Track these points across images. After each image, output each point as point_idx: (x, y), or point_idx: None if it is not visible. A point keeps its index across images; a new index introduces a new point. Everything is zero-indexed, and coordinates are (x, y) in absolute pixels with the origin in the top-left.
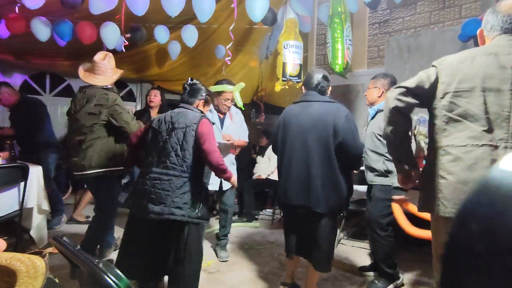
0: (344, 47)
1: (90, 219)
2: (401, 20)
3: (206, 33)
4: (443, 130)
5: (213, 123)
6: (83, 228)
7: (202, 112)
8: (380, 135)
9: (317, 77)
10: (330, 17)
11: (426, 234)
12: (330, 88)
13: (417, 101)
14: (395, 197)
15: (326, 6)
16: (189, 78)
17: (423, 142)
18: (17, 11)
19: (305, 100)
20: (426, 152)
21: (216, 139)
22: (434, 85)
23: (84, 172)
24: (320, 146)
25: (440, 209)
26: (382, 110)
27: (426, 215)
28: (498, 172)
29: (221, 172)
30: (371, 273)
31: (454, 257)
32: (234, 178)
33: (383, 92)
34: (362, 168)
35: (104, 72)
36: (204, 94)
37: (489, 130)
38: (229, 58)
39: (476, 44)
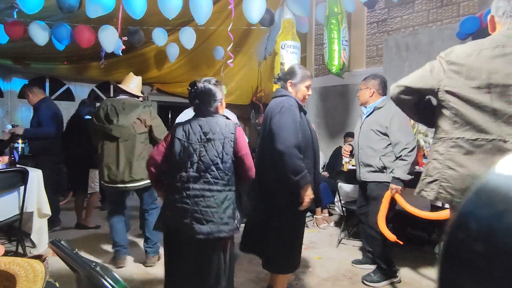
0: (340, 48)
1: (100, 226)
2: (399, 19)
3: (204, 35)
4: (453, 122)
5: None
6: (89, 233)
7: (227, 117)
8: (379, 131)
9: (280, 72)
10: (327, 18)
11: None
12: (291, 82)
13: (416, 99)
14: (394, 186)
15: (323, 7)
16: (192, 84)
17: (422, 141)
18: (15, 16)
19: (271, 97)
20: (426, 150)
21: None
22: (439, 77)
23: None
24: (262, 141)
25: (442, 196)
26: (379, 108)
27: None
28: (496, 174)
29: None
30: (363, 266)
31: (453, 257)
32: None
33: (374, 92)
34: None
35: (129, 83)
36: (219, 95)
37: (498, 125)
38: (231, 60)
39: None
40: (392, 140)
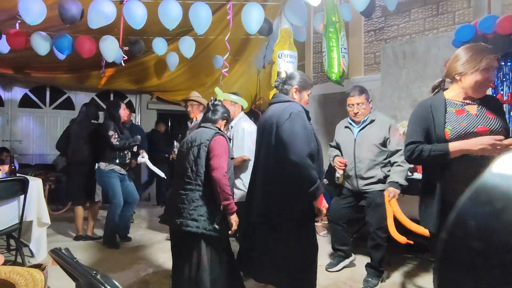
0: (339, 56)
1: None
2: (396, 27)
3: (203, 44)
4: None
5: (230, 139)
6: (89, 242)
7: (220, 129)
8: (380, 144)
9: (279, 77)
10: (325, 27)
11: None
12: (297, 87)
13: None
14: (392, 189)
15: (321, 16)
16: (212, 98)
17: None
18: (17, 27)
19: (269, 103)
20: None
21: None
22: None
23: None
24: (265, 150)
25: None
26: (373, 120)
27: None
28: (493, 173)
29: (224, 197)
30: (338, 267)
31: (451, 255)
32: (234, 216)
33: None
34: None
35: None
36: (226, 114)
37: None
38: (226, 70)
39: None
40: (390, 148)
